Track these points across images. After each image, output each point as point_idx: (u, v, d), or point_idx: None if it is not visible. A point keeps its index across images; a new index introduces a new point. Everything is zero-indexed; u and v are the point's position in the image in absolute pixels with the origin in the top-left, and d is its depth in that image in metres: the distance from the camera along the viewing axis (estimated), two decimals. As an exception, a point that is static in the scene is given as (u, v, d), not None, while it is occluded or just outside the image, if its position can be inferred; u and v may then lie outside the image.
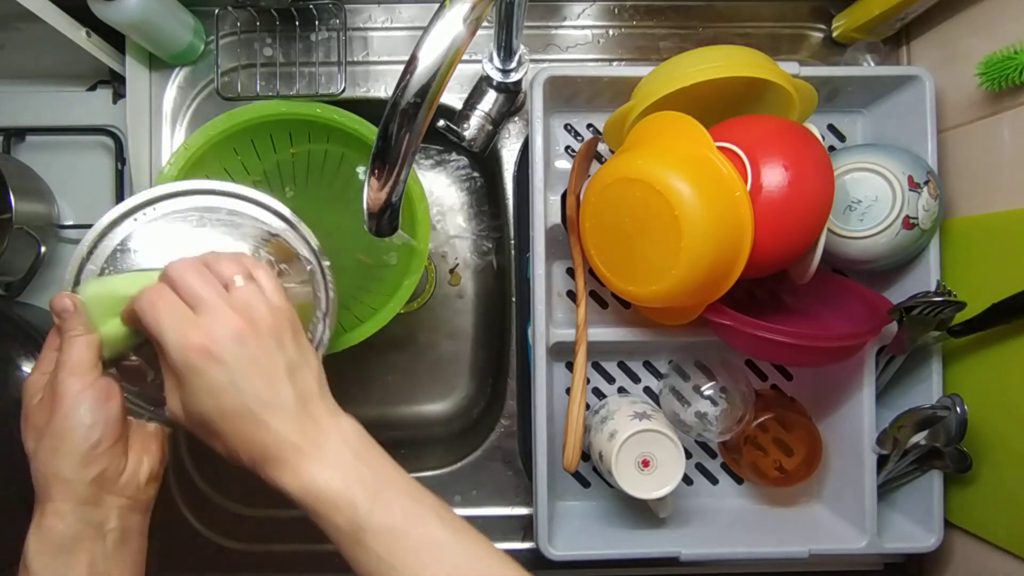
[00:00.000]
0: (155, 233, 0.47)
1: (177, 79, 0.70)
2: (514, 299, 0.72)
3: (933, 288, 0.62)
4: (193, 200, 0.48)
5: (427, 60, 0.37)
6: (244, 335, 0.38)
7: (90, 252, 0.46)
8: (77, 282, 0.45)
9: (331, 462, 0.37)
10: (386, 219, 0.43)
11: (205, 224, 0.48)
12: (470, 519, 0.68)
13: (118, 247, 0.46)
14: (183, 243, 0.47)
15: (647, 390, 0.70)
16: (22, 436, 0.41)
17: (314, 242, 0.50)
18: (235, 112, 0.61)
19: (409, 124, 0.38)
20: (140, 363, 0.45)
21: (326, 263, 0.50)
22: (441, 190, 0.82)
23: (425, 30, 0.38)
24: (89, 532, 0.38)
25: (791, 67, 0.61)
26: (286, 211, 0.50)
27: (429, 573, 0.36)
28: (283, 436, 0.37)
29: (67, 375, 0.39)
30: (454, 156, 0.82)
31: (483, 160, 0.76)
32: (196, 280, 0.39)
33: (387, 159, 0.39)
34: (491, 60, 0.65)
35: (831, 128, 0.70)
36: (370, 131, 0.61)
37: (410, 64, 0.38)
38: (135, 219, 0.47)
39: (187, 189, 0.48)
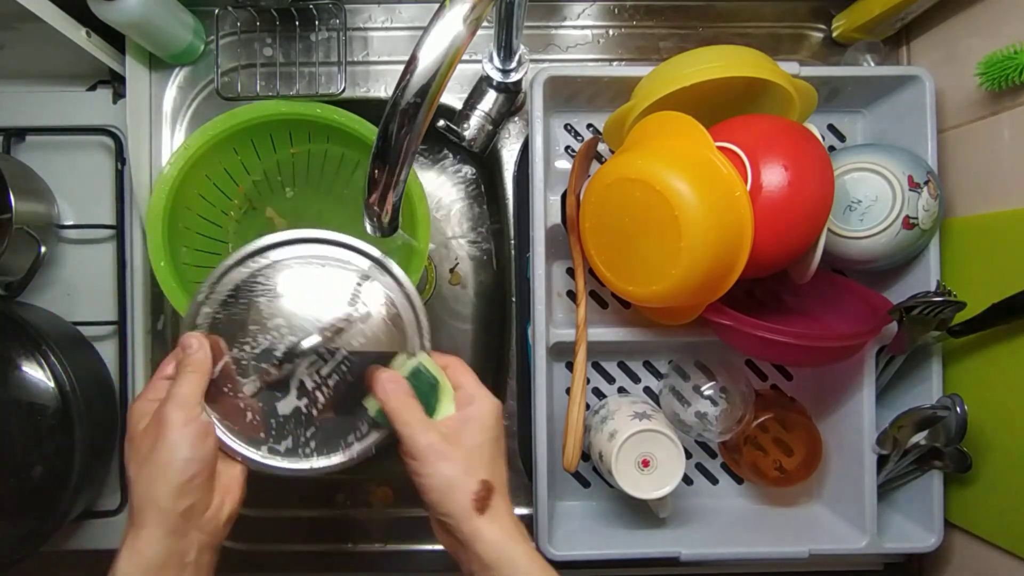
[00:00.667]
0: (270, 278, 0.49)
1: (177, 79, 0.70)
2: (514, 299, 0.72)
3: (933, 288, 0.62)
4: (296, 248, 0.50)
5: (427, 60, 0.37)
6: (473, 445, 0.45)
7: (207, 296, 0.48)
8: (194, 322, 0.48)
9: (517, 533, 0.43)
10: (386, 219, 0.43)
11: (311, 264, 0.50)
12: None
13: (230, 292, 0.48)
14: (297, 286, 0.49)
15: (647, 390, 0.70)
16: (126, 460, 0.43)
17: (400, 275, 0.51)
18: (235, 112, 0.61)
19: (409, 124, 0.38)
20: (245, 401, 0.47)
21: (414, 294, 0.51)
22: (441, 190, 0.82)
23: (425, 30, 0.38)
24: (173, 561, 0.40)
25: (791, 67, 0.61)
26: (375, 252, 0.51)
27: None
28: (504, 501, 0.44)
29: (175, 407, 0.42)
30: (454, 156, 0.82)
31: (483, 160, 0.76)
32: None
33: (387, 159, 0.39)
34: (491, 60, 0.65)
35: (831, 128, 0.70)
36: (370, 131, 0.61)
37: (410, 64, 0.38)
38: (246, 265, 0.49)
39: (292, 238, 0.50)
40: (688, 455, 0.70)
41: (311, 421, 0.48)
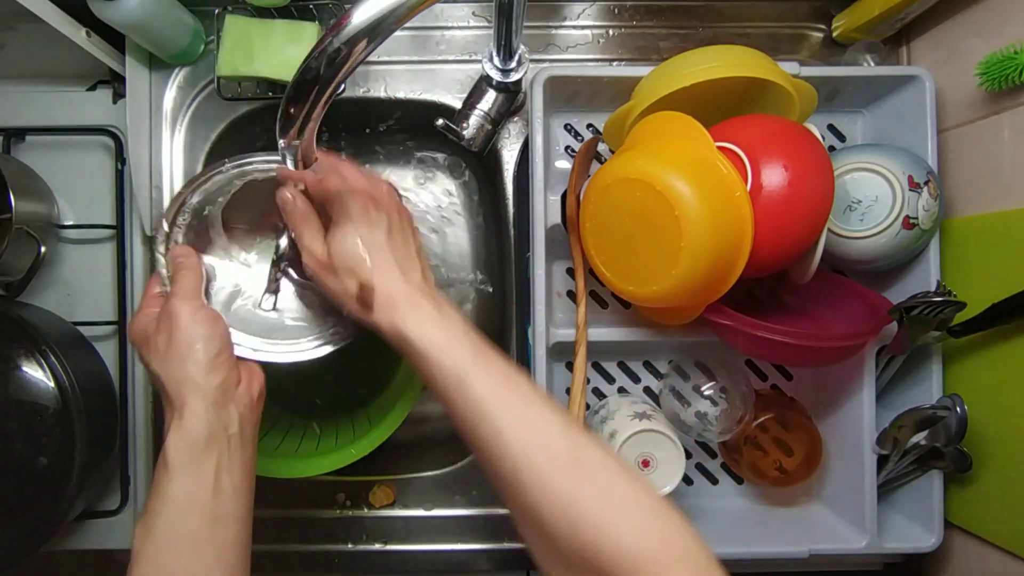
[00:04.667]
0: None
1: (177, 79, 0.70)
2: (514, 299, 0.72)
3: (933, 288, 0.62)
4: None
5: (362, 16, 0.38)
6: (398, 207, 0.47)
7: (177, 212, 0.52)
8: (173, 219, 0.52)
9: (447, 323, 0.43)
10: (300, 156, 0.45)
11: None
12: (470, 519, 0.70)
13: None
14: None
15: (647, 390, 0.70)
16: (145, 364, 0.46)
17: None
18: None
19: (329, 67, 0.39)
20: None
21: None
22: (441, 190, 0.82)
23: None
24: (218, 432, 0.43)
25: (791, 67, 0.61)
26: None
27: (521, 417, 0.40)
28: (414, 288, 0.44)
29: (180, 301, 0.45)
30: (454, 156, 0.82)
31: (483, 160, 0.76)
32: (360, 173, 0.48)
33: (301, 96, 0.40)
34: (491, 60, 0.65)
35: (831, 128, 0.70)
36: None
37: (346, 16, 0.38)
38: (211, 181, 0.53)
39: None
40: (688, 455, 0.70)
41: (294, 314, 0.52)
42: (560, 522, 0.37)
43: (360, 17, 0.38)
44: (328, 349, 0.51)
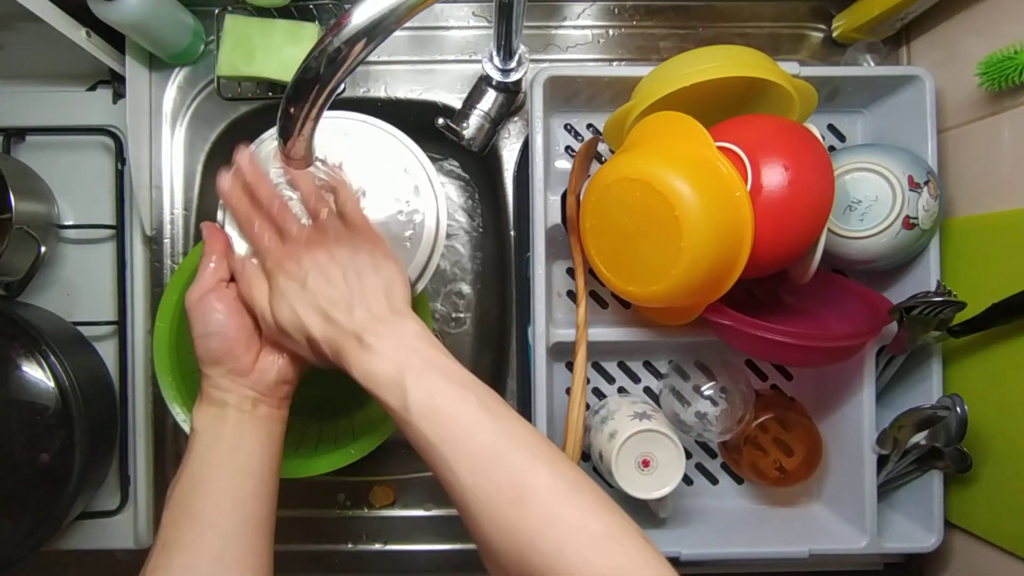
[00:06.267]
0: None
1: (177, 79, 0.70)
2: (514, 299, 0.72)
3: (933, 288, 0.62)
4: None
5: (362, 16, 0.38)
6: (315, 251, 0.47)
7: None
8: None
9: (386, 352, 0.43)
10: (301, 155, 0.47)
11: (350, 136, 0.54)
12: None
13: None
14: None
15: (647, 390, 0.70)
16: None
17: (424, 159, 0.54)
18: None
19: (329, 66, 0.39)
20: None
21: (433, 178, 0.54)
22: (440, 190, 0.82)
23: None
24: (230, 407, 0.46)
25: (791, 67, 0.61)
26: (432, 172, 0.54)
27: (462, 450, 0.40)
28: (347, 329, 0.44)
29: (191, 291, 0.48)
30: (453, 156, 0.82)
31: (483, 160, 0.76)
32: (286, 214, 0.48)
33: (301, 97, 0.41)
34: (491, 60, 0.65)
35: (831, 128, 0.70)
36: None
37: (346, 16, 0.38)
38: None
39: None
40: (688, 455, 0.70)
41: None
42: (510, 553, 0.37)
43: (360, 17, 0.38)
44: None
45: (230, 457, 0.45)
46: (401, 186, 0.53)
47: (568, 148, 0.70)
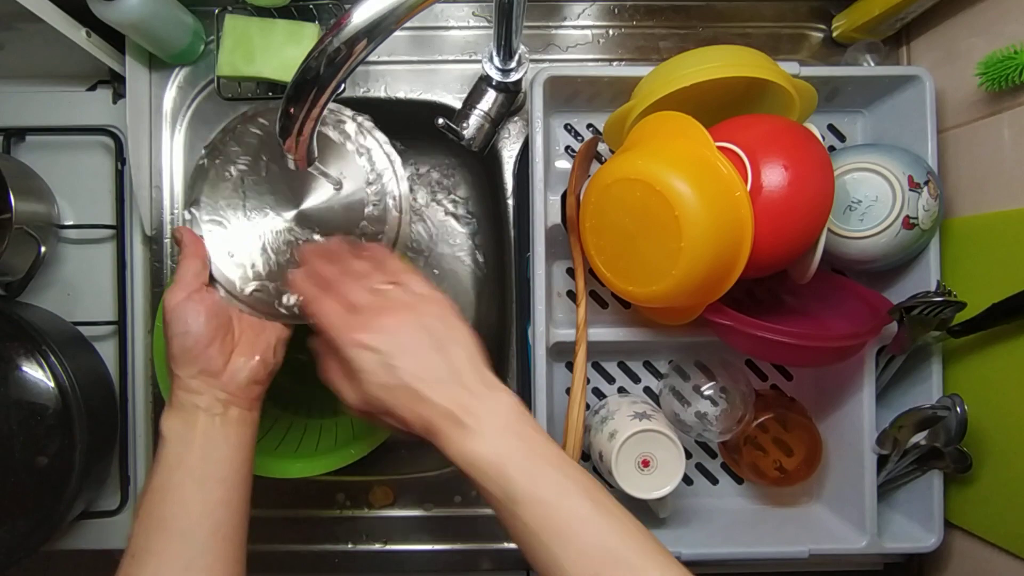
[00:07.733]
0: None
1: (177, 79, 0.70)
2: (514, 299, 0.72)
3: (933, 288, 0.62)
4: None
5: (362, 16, 0.38)
6: (392, 326, 0.44)
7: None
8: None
9: (486, 434, 0.41)
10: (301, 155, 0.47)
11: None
12: (470, 519, 0.70)
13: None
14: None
15: (647, 390, 0.70)
16: None
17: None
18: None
19: (329, 66, 0.39)
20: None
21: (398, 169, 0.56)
22: (441, 190, 0.82)
23: None
24: (199, 410, 0.46)
25: (791, 67, 0.61)
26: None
27: (573, 547, 0.38)
28: (440, 407, 0.41)
29: (169, 292, 0.48)
30: (453, 155, 0.82)
31: (483, 160, 0.76)
32: (354, 289, 0.47)
33: (302, 96, 0.41)
34: (491, 60, 0.65)
35: (831, 128, 0.70)
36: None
37: (346, 16, 0.38)
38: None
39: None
40: (688, 455, 0.70)
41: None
42: None
43: (360, 17, 0.38)
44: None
45: (200, 464, 0.45)
46: (364, 168, 0.55)
47: (568, 148, 0.70)
